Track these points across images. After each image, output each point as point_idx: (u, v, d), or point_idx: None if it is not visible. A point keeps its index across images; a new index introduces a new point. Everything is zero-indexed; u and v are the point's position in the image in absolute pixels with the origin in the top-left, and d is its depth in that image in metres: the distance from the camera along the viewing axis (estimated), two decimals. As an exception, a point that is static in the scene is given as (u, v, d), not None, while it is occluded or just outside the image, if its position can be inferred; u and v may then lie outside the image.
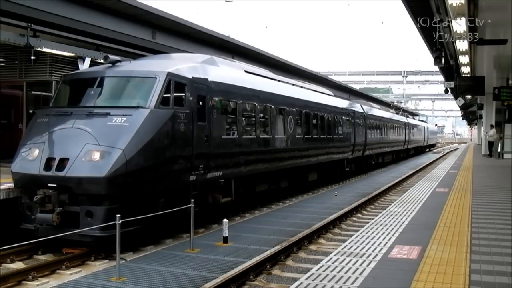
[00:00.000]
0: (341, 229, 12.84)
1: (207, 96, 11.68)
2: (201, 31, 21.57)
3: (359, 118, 26.46)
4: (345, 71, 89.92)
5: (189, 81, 11.13)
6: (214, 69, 12.80)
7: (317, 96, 21.08)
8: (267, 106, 15.22)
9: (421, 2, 16.28)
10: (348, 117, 24.46)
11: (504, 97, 24.84)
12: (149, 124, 9.86)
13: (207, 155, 11.54)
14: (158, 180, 10.16)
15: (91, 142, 9.48)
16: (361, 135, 26.46)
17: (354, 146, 25.06)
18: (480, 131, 47.62)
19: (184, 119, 10.67)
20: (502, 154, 27.99)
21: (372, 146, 29.42)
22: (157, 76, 10.50)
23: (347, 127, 24.07)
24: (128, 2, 16.85)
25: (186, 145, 10.81)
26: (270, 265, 8.99)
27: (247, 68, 15.64)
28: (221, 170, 12.31)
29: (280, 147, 15.92)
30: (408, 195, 12.93)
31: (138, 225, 9.33)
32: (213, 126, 11.88)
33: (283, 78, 18.86)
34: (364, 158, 28.00)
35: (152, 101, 10.11)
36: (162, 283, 7.74)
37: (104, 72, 11.10)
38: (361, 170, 27.67)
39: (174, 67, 11.15)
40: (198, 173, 11.27)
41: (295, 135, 17.07)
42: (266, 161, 14.99)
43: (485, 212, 9.94)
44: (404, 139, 41.50)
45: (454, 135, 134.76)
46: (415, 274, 5.81)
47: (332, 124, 21.67)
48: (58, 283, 7.80)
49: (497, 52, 19.98)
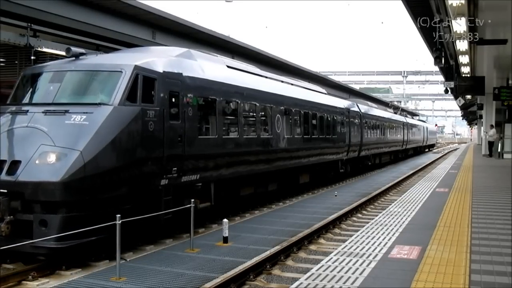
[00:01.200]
0: (341, 229, 12.83)
1: (181, 92, 10.71)
2: (201, 31, 21.60)
3: (354, 118, 25.53)
4: (345, 71, 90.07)
5: (160, 76, 10.17)
6: (190, 63, 11.74)
7: (308, 93, 20.00)
8: (252, 104, 14.33)
9: (421, 2, 16.29)
10: (343, 116, 23.39)
11: (504, 97, 24.86)
12: (111, 123, 8.99)
13: (181, 156, 10.60)
14: (122, 185, 9.21)
15: (47, 143, 8.60)
16: (356, 135, 25.50)
17: (349, 147, 24.07)
18: (480, 131, 47.62)
19: (153, 117, 9.77)
20: (502, 154, 28.00)
21: (369, 146, 28.50)
22: (122, 70, 9.59)
23: (341, 126, 23.02)
24: (128, 2, 16.87)
25: (156, 146, 9.88)
26: (270, 265, 8.99)
27: (230, 63, 14.57)
28: (198, 173, 11.37)
29: (266, 148, 15.00)
30: (408, 195, 12.93)
31: (100, 235, 8.51)
32: (188, 125, 10.90)
33: (271, 75, 17.97)
34: (360, 159, 27.15)
35: (116, 97, 9.22)
36: (162, 283, 7.74)
37: (66, 66, 10.15)
38: (357, 171, 26.87)
39: (143, 60, 10.22)
40: (171, 177, 10.34)
41: (283, 135, 16.13)
42: (251, 163, 14.00)
43: (485, 212, 9.94)
44: (402, 139, 40.67)
45: (454, 135, 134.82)
46: (415, 274, 5.81)
47: (324, 124, 20.63)
48: (58, 283, 7.79)
49: (497, 52, 19.98)
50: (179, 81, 10.77)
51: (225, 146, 12.64)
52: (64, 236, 8.05)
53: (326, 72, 67.81)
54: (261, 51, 27.94)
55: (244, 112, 13.96)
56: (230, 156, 12.85)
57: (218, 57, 14.28)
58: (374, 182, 23.45)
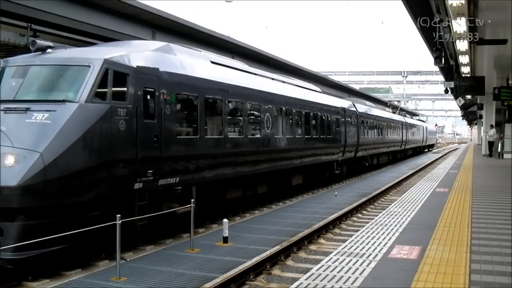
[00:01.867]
0: (341, 229, 12.83)
1: (157, 89, 9.98)
2: (201, 31, 21.63)
3: (350, 117, 24.71)
4: (345, 71, 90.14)
5: (133, 71, 9.42)
6: (168, 58, 10.99)
7: (301, 92, 19.12)
8: (239, 102, 13.56)
9: (421, 2, 16.30)
10: (338, 115, 22.48)
11: (504, 97, 24.86)
12: (76, 122, 8.27)
13: (157, 158, 9.85)
14: (89, 190, 8.48)
15: (4, 143, 7.90)
16: (353, 135, 24.74)
17: (345, 147, 23.22)
18: (480, 131, 47.62)
19: (124, 116, 9.03)
20: (502, 154, 28.00)
21: (366, 146, 27.71)
22: (91, 64, 8.84)
23: (336, 126, 22.10)
24: (128, 2, 16.89)
25: (128, 147, 9.13)
26: (270, 265, 8.99)
27: (214, 59, 13.65)
28: (178, 176, 10.60)
29: (255, 149, 14.24)
30: (408, 195, 12.93)
31: (64, 244, 7.97)
32: (166, 124, 10.16)
33: (262, 72, 17.18)
34: (356, 160, 26.32)
35: (83, 94, 8.48)
36: (162, 283, 7.74)
37: (30, 60, 9.39)
38: (354, 172, 26.15)
39: (114, 54, 9.47)
40: (146, 180, 9.58)
41: (273, 135, 15.43)
42: (238, 165, 13.27)
43: (485, 212, 9.94)
44: (401, 139, 40.04)
45: (454, 135, 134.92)
46: (415, 274, 5.81)
47: (318, 123, 19.80)
48: (58, 283, 7.80)
49: (497, 52, 19.98)
50: (155, 77, 10.02)
51: (208, 147, 11.83)
52: (23, 246, 7.39)
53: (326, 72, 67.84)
54: (261, 51, 27.96)
55: (230, 111, 13.14)
56: (214, 158, 12.07)
57: (202, 52, 13.50)
58: (374, 182, 23.45)
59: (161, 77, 10.19)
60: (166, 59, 10.85)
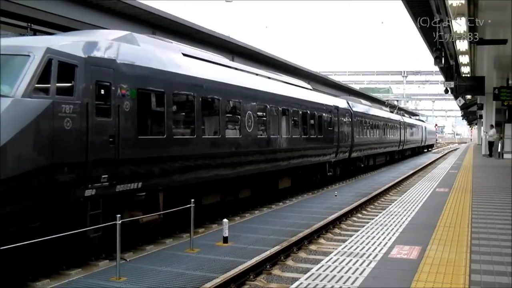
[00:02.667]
0: (341, 229, 12.83)
1: (114, 82, 8.88)
2: (201, 31, 21.62)
3: (344, 116, 23.54)
4: (345, 71, 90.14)
5: (82, 62, 8.31)
6: (129, 49, 9.83)
7: (288, 88, 17.73)
8: (215, 98, 12.36)
9: (421, 2, 16.29)
10: (331, 114, 21.22)
11: (504, 97, 24.86)
12: (10, 119, 7.16)
13: (113, 161, 8.77)
14: (25, 198, 7.40)
15: None
16: (347, 134, 23.60)
17: (338, 148, 22.03)
18: (480, 131, 47.62)
19: (71, 113, 7.95)
20: (502, 154, 28.01)
21: (361, 147, 26.56)
22: (30, 54, 7.75)
23: (328, 125, 20.81)
24: (128, 2, 16.88)
25: (75, 148, 8.06)
26: (270, 265, 8.99)
27: (187, 51, 12.36)
28: (141, 181, 9.51)
29: (234, 150, 13.09)
30: (408, 195, 12.93)
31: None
32: (124, 123, 9.07)
33: (243, 67, 15.92)
34: (351, 161, 25.19)
35: (20, 87, 7.40)
36: (162, 283, 7.74)
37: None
38: (348, 174, 25.10)
39: (60, 42, 8.39)
40: (100, 186, 8.52)
41: (256, 135, 14.25)
42: (214, 167, 12.11)
43: (485, 212, 9.93)
44: (399, 139, 39.07)
45: (454, 135, 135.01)
46: (415, 274, 5.81)
47: (308, 122, 18.54)
48: (58, 283, 7.80)
49: (497, 52, 19.98)
50: (112, 69, 8.93)
51: (178, 148, 10.68)
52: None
53: (326, 72, 67.86)
54: (261, 51, 27.95)
55: (204, 108, 11.81)
56: (185, 160, 10.93)
57: (173, 44, 12.25)
58: (374, 182, 23.46)
59: (118, 69, 9.10)
60: (127, 50, 9.65)
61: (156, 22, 19.24)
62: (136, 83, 9.50)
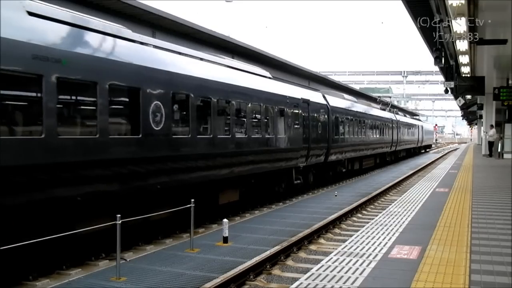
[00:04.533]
0: (341, 229, 12.84)
1: None
2: (201, 31, 21.62)
3: (318, 112, 19.92)
4: (345, 71, 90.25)
5: None
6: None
7: (229, 74, 13.63)
8: (82, 82, 8.52)
9: (421, 2, 16.29)
10: (298, 109, 17.53)
11: (504, 97, 24.86)
12: None
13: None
14: None
15: None
16: (322, 134, 20.08)
17: (309, 150, 18.40)
18: (480, 131, 47.61)
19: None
20: (502, 154, 28.03)
21: (342, 149, 23.05)
22: None
23: (294, 123, 17.08)
24: (128, 2, 16.88)
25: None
26: (270, 265, 8.99)
27: (38, 9, 8.12)
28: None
29: (130, 156, 9.43)
30: (408, 195, 12.93)
31: None
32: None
33: (163, 43, 11.79)
34: (328, 165, 21.63)
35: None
36: (162, 283, 7.74)
37: None
38: (326, 181, 21.66)
39: None
40: None
41: (171, 134, 10.53)
42: (97, 180, 8.73)
43: (485, 212, 9.93)
44: (391, 140, 35.64)
45: (454, 135, 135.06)
46: (415, 274, 5.81)
47: (261, 119, 14.84)
48: (58, 283, 7.80)
49: (497, 52, 19.99)
50: None
51: (21, 153, 7.30)
52: None
53: (326, 72, 67.89)
54: (261, 51, 27.95)
55: (59, 95, 7.94)
56: (49, 171, 7.76)
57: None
58: (374, 182, 23.47)
59: None
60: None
61: (156, 22, 19.24)
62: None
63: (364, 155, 27.83)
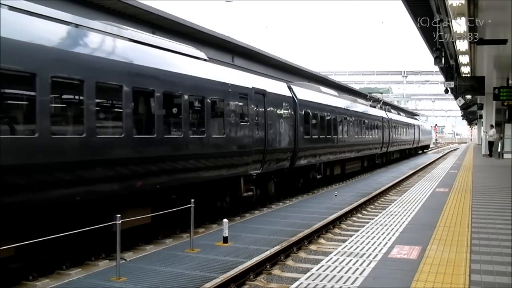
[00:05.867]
0: (341, 229, 12.84)
1: None
2: (201, 31, 21.62)
3: (279, 106, 16.15)
4: (345, 71, 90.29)
5: None
6: None
7: (131, 50, 9.93)
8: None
9: (421, 2, 16.29)
10: (247, 101, 13.91)
11: (504, 97, 24.87)
12: None
13: None
14: None
15: None
16: (285, 133, 16.37)
17: (266, 154, 14.81)
18: (480, 131, 47.60)
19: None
20: (502, 154, 28.04)
21: (315, 151, 19.12)
22: None
23: (242, 119, 13.56)
24: (128, 2, 16.89)
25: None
26: (270, 265, 8.99)
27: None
28: None
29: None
30: (408, 195, 12.93)
31: None
32: None
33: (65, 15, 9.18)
34: (297, 172, 18.15)
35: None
36: (162, 283, 7.74)
37: None
38: (289, 192, 18.01)
39: None
40: None
41: (46, 133, 7.55)
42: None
43: (485, 212, 9.94)
44: (381, 140, 31.83)
45: (454, 135, 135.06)
46: (415, 274, 5.81)
47: (188, 113, 11.18)
48: (58, 283, 7.80)
49: (497, 52, 19.99)
50: None
51: None
52: None
53: (326, 72, 67.91)
54: (261, 51, 27.94)
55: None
56: None
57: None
58: (374, 182, 23.47)
59: None
60: None
61: (156, 22, 19.24)
62: None
63: (346, 158, 23.98)
